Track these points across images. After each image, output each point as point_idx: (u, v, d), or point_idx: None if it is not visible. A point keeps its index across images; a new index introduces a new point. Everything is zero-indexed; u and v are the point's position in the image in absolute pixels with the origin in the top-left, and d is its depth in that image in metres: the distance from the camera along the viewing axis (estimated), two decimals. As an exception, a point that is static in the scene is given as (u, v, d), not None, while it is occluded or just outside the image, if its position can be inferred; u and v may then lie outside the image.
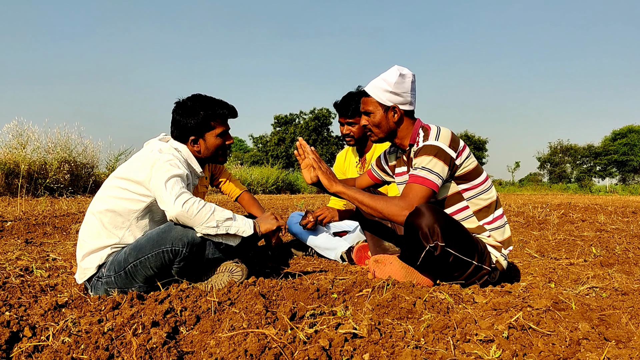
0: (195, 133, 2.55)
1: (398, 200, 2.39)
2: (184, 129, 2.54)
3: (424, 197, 2.37)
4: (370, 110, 2.59)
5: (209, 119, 2.55)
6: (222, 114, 2.59)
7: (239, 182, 3.87)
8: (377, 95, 2.54)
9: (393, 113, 2.56)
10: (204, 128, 2.55)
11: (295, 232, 3.85)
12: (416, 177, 2.39)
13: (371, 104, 2.58)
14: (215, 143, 2.60)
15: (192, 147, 2.58)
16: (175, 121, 2.56)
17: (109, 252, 2.38)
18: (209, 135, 2.58)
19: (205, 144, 2.59)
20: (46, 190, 11.75)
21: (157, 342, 1.60)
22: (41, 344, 1.64)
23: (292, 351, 1.49)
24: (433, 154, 2.39)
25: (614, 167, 54.44)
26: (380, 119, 2.57)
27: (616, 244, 4.09)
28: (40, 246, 4.07)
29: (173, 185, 2.24)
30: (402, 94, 2.52)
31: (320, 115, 47.43)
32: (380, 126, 2.59)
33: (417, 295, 2.06)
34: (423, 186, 2.37)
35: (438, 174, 2.38)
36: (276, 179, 22.79)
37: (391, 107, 2.55)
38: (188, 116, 2.52)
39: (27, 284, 2.51)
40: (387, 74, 2.52)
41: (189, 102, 2.55)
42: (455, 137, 2.47)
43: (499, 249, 2.52)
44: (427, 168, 2.38)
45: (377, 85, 2.54)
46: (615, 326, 1.71)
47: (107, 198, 2.39)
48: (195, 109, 2.52)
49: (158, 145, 2.48)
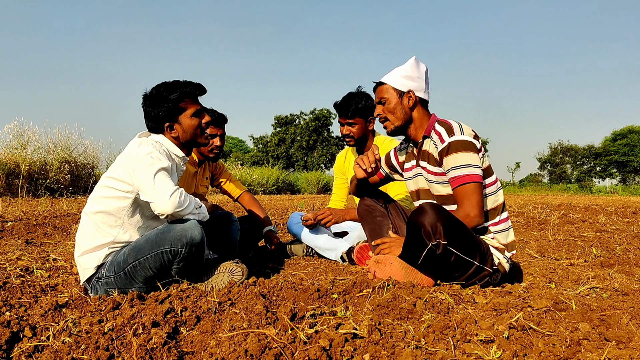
0: (169, 119, 2.50)
1: (461, 211, 2.41)
2: (156, 119, 2.50)
3: (478, 192, 2.40)
4: (385, 97, 2.60)
5: (178, 101, 2.49)
6: (190, 92, 2.53)
7: (240, 183, 3.88)
8: (391, 81, 2.58)
9: (408, 98, 2.57)
10: (175, 111, 2.50)
11: (295, 233, 3.84)
12: (461, 178, 2.41)
13: (386, 91, 2.60)
14: (191, 124, 2.54)
15: (170, 134, 2.53)
16: (147, 113, 2.52)
17: (107, 252, 2.38)
18: (183, 117, 2.52)
19: (182, 127, 2.53)
20: (47, 190, 11.76)
21: (158, 342, 1.60)
22: (41, 344, 1.64)
23: (293, 351, 1.49)
24: (465, 148, 2.41)
25: (615, 168, 54.42)
26: (396, 105, 2.58)
27: (616, 244, 4.09)
28: (41, 246, 4.07)
29: (161, 181, 2.23)
30: (416, 79, 2.56)
31: (320, 115, 47.39)
32: (395, 112, 2.59)
33: (417, 295, 2.06)
34: (471, 183, 2.39)
35: (477, 165, 2.41)
36: (276, 179, 22.80)
37: (406, 92, 2.57)
38: (156, 105, 2.47)
39: (28, 284, 2.51)
40: (403, 64, 2.60)
41: (154, 90, 2.50)
42: (475, 132, 2.50)
43: (502, 251, 2.51)
44: (465, 164, 2.40)
45: (393, 72, 2.61)
46: (616, 326, 1.70)
47: (98, 199, 2.40)
48: (162, 96, 2.47)
49: (137, 141, 2.46)
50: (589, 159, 56.48)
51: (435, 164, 2.54)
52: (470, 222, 2.39)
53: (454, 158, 2.41)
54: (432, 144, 2.56)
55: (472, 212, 2.38)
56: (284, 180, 23.66)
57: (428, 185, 2.65)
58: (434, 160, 2.54)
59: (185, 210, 2.28)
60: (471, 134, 2.46)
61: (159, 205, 2.20)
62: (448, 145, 2.44)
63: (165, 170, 2.29)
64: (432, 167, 2.56)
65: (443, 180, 2.53)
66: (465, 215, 2.39)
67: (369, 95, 3.61)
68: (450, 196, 2.55)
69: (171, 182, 2.26)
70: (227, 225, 3.08)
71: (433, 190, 2.61)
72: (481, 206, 2.41)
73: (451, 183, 2.46)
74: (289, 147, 48.30)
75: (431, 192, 2.64)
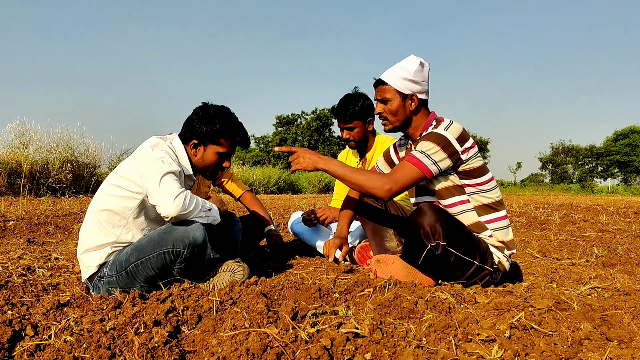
0: (201, 140, 2.54)
1: (382, 176, 2.38)
2: (193, 131, 2.53)
3: (412, 179, 2.36)
4: (388, 98, 2.57)
5: (220, 135, 2.53)
6: (233, 138, 2.58)
7: (241, 182, 3.88)
8: (395, 84, 2.53)
9: (410, 101, 2.56)
10: (211, 139, 2.54)
11: (296, 232, 3.85)
12: (411, 157, 2.38)
13: (388, 92, 2.57)
14: (212, 158, 2.58)
15: (191, 150, 2.57)
16: (190, 120, 2.56)
17: (109, 251, 2.39)
18: (211, 148, 2.56)
19: (203, 155, 2.57)
20: (48, 190, 11.78)
21: (159, 341, 1.60)
22: (43, 343, 1.64)
23: (294, 350, 1.49)
24: (437, 142, 2.37)
25: (616, 168, 54.37)
26: (398, 107, 2.56)
27: (618, 244, 4.08)
28: (43, 245, 4.08)
29: (167, 184, 2.24)
30: (421, 83, 2.53)
31: (322, 115, 47.44)
32: (397, 114, 2.58)
33: (418, 295, 2.06)
34: (415, 167, 2.36)
35: (435, 162, 2.36)
36: (278, 179, 22.82)
37: (409, 95, 2.54)
38: (204, 121, 2.51)
39: (30, 283, 2.51)
40: (406, 63, 2.52)
41: (212, 110, 2.54)
42: (466, 133, 2.47)
43: (501, 249, 2.51)
44: (425, 152, 2.37)
45: (396, 73, 2.53)
46: (618, 326, 1.70)
47: (104, 196, 2.40)
48: (214, 119, 2.51)
49: (154, 141, 2.47)
50: (590, 159, 56.44)
51: None
52: (376, 189, 2.36)
53: (423, 144, 2.40)
54: None
55: (390, 184, 2.34)
56: (285, 180, 23.67)
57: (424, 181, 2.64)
58: None
59: (191, 214, 2.27)
60: (456, 133, 2.42)
61: (164, 208, 2.20)
62: (426, 134, 2.44)
63: (172, 174, 2.29)
64: None
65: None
66: (380, 182, 2.36)
67: (365, 96, 3.58)
68: (440, 190, 2.53)
69: (177, 185, 2.26)
70: (229, 225, 3.08)
71: (428, 185, 2.60)
72: (400, 188, 2.36)
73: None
74: (291, 147, 48.28)
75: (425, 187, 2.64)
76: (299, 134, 47.97)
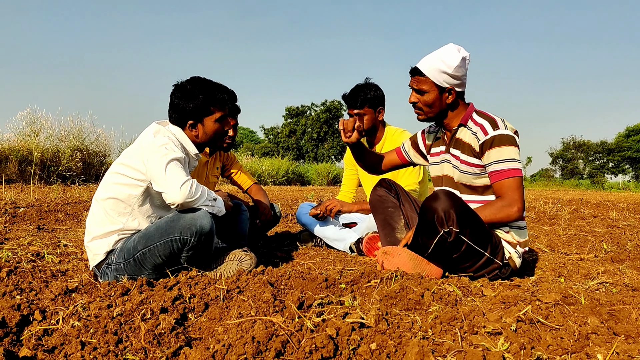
0: (194, 117, 2.50)
1: (501, 202, 2.40)
2: (182, 113, 2.48)
3: (519, 187, 2.39)
4: (425, 90, 2.53)
5: (208, 104, 2.49)
6: (222, 99, 2.54)
7: (250, 174, 3.92)
8: (434, 77, 2.48)
9: (448, 95, 2.53)
10: (203, 112, 2.50)
11: (304, 223, 3.85)
12: (506, 172, 2.39)
13: (425, 84, 2.52)
14: (213, 128, 2.55)
15: (190, 132, 2.53)
16: (174, 104, 2.50)
17: (117, 238, 2.40)
18: (208, 120, 2.52)
19: (204, 129, 2.53)
20: (59, 177, 11.86)
21: (166, 327, 1.61)
22: (51, 328, 1.66)
23: (299, 339, 1.50)
24: (510, 143, 2.40)
25: (627, 164, 53.83)
26: (435, 100, 2.53)
27: (627, 240, 4.05)
28: (52, 232, 4.12)
29: (173, 171, 2.24)
30: (461, 77, 2.49)
31: (331, 107, 47.30)
32: (432, 106, 2.55)
33: (425, 286, 2.06)
34: (516, 177, 2.39)
35: (520, 161, 2.41)
36: (287, 170, 22.85)
37: (447, 88, 2.51)
38: (187, 100, 2.46)
39: (38, 269, 2.54)
40: (447, 55, 2.45)
41: (189, 85, 2.49)
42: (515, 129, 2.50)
43: (514, 245, 2.49)
44: (510, 159, 2.38)
45: (435, 65, 2.47)
46: (625, 321, 1.69)
47: (109, 185, 2.41)
48: (195, 93, 2.46)
49: (155, 128, 2.46)
50: (601, 154, 55.91)
51: (471, 154, 2.51)
52: (510, 216, 2.38)
53: (498, 152, 2.39)
54: (469, 134, 2.53)
55: (515, 205, 2.37)
56: (294, 172, 23.70)
57: (453, 173, 2.63)
58: (471, 151, 2.51)
59: (197, 201, 2.29)
60: (513, 129, 2.45)
61: (170, 195, 2.21)
62: (492, 138, 2.41)
63: (177, 161, 2.30)
64: (467, 157, 2.53)
65: (475, 172, 2.51)
66: (506, 208, 2.38)
67: (377, 86, 3.60)
68: (480, 187, 2.53)
69: (183, 172, 2.27)
70: (237, 215, 3.09)
71: (463, 180, 2.58)
72: (523, 201, 2.40)
73: (492, 176, 2.43)
74: (300, 139, 48.31)
75: (455, 180, 2.62)
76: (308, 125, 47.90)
